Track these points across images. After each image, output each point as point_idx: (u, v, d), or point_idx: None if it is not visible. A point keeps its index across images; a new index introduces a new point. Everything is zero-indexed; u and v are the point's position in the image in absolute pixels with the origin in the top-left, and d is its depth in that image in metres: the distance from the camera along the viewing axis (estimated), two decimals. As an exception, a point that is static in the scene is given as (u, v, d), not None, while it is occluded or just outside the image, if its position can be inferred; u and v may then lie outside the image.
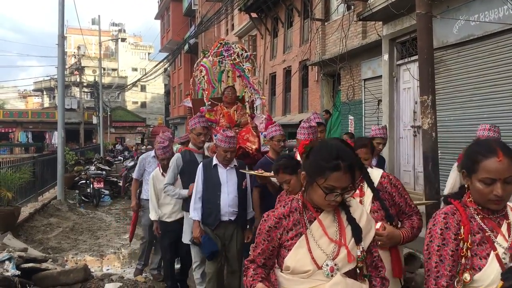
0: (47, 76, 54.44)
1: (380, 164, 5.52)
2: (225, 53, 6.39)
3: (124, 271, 6.78)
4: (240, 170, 4.43)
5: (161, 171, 5.47)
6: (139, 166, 6.46)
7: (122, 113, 49.77)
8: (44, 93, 60.96)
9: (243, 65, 6.44)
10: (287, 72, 17.72)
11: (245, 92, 6.65)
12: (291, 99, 17.64)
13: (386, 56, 9.89)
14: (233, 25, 24.55)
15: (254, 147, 5.62)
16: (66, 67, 53.24)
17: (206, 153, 5.05)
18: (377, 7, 8.96)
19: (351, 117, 12.19)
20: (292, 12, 17.22)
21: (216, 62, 6.45)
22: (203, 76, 6.36)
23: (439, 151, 5.63)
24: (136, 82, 32.09)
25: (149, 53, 63.07)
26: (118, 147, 33.77)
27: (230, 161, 4.43)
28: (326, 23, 13.78)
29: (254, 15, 19.35)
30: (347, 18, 10.98)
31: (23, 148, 41.03)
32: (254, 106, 6.65)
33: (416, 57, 7.81)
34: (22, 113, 46.15)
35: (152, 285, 5.53)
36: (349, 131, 10.71)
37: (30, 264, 5.18)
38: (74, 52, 58.19)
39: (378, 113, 10.74)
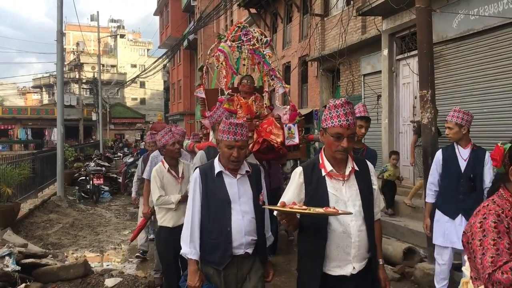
0: (46, 73, 54.55)
1: None
2: (244, 37, 5.73)
3: (124, 266, 6.79)
4: (264, 206, 2.97)
5: (166, 167, 4.54)
6: (151, 165, 5.66)
7: (121, 110, 49.79)
8: (43, 89, 60.93)
9: (263, 51, 5.77)
10: (287, 68, 17.69)
11: (265, 81, 5.98)
12: (291, 95, 17.55)
13: (385, 51, 9.87)
14: (232, 20, 24.47)
15: (279, 140, 5.02)
16: (65, 63, 53.24)
17: None
18: (376, 1, 8.95)
19: (350, 113, 12.16)
20: (291, 8, 17.17)
21: (235, 47, 5.74)
22: (221, 62, 5.64)
23: (438, 145, 5.63)
24: (135, 78, 32.05)
25: (148, 50, 63.08)
26: (120, 144, 33.69)
27: (238, 164, 2.98)
28: (325, 19, 13.74)
29: (253, 10, 19.30)
30: (346, 13, 10.95)
31: (22, 145, 41.05)
32: (277, 95, 6.00)
33: (415, 52, 7.80)
34: (21, 110, 46.20)
35: (152, 281, 5.52)
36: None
37: (30, 260, 5.18)
38: (73, 49, 58.10)
39: (378, 108, 10.72)
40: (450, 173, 4.42)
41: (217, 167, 2.99)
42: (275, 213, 2.52)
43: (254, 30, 5.95)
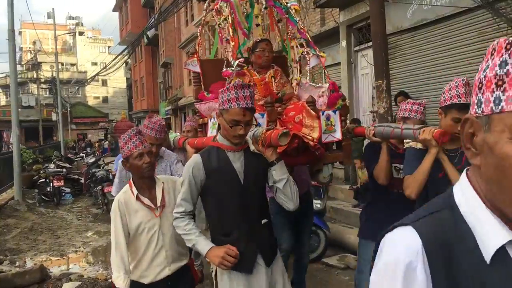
0: (2, 73, 52.51)
1: None
2: None
3: (85, 269, 6.62)
4: None
5: (135, 192, 2.80)
6: (120, 177, 3.86)
7: (83, 109, 48.72)
8: (0, 90, 58.81)
9: (287, 3, 3.89)
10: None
11: (292, 47, 4.15)
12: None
13: (343, 43, 9.97)
14: (192, 15, 24.22)
15: (315, 135, 3.10)
16: (22, 63, 51.56)
17: (252, 148, 2.69)
18: (332, -7, 9.01)
19: (312, 105, 12.25)
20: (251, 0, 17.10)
21: None
22: (224, 19, 3.67)
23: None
24: (95, 76, 31.32)
25: (108, 47, 61.74)
26: (82, 144, 32.92)
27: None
28: (284, 11, 13.76)
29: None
30: (305, 6, 10.99)
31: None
32: (307, 68, 4.10)
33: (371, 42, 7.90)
34: (-23, 112, 44.46)
35: (112, 282, 5.40)
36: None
37: (-17, 268, 4.99)
38: (30, 48, 56.28)
39: (338, 99, 10.83)
40: None
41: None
42: None
43: None
